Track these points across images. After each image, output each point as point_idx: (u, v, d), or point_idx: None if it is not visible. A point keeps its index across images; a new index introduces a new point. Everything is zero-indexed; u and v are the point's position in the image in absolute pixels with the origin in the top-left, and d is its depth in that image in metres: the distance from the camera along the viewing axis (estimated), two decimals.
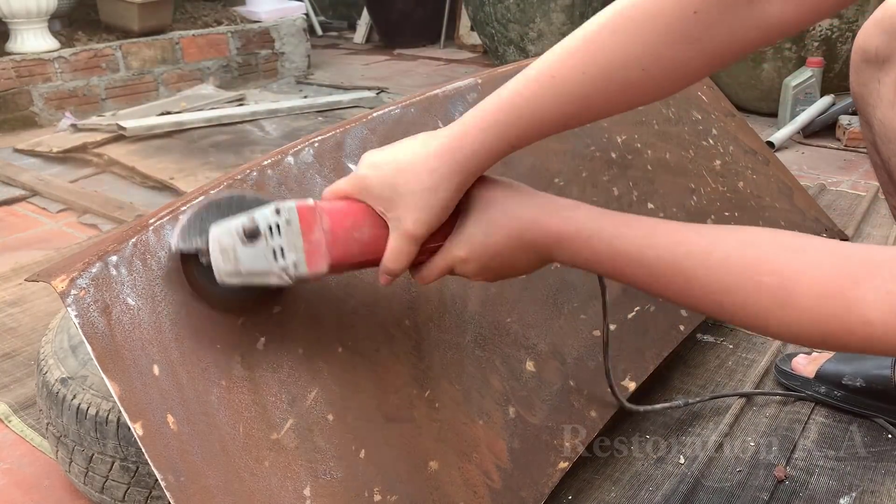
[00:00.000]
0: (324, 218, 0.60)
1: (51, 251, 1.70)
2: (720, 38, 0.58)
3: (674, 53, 0.58)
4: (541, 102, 0.61)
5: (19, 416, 1.10)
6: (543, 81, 0.61)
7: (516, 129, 0.61)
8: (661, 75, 0.59)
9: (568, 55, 0.61)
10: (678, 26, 0.57)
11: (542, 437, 0.81)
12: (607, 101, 0.61)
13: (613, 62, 0.59)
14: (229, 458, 0.62)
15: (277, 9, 3.56)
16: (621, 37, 0.59)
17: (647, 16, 0.58)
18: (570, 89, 0.60)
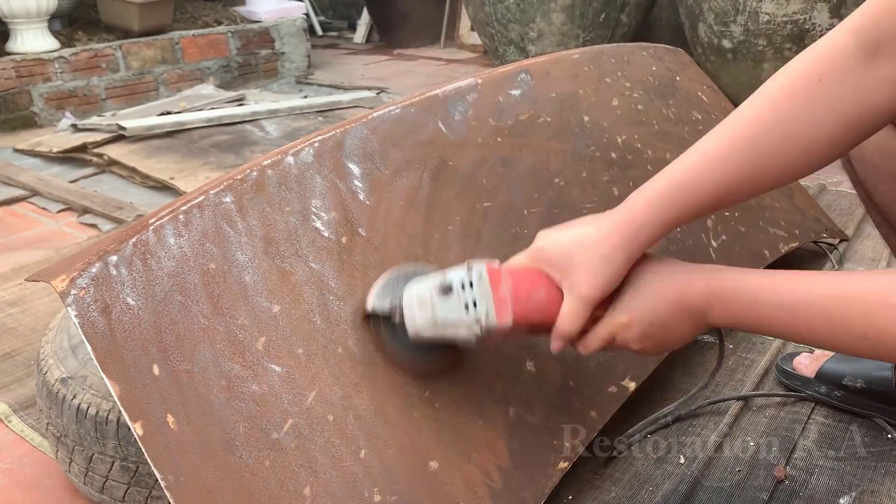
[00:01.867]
0: (507, 279, 0.67)
1: (51, 251, 1.70)
2: (847, 103, 0.63)
3: (808, 118, 0.64)
4: (697, 178, 0.67)
5: (19, 416, 1.10)
6: (696, 159, 0.67)
7: (679, 205, 0.67)
8: (801, 139, 0.64)
9: (719, 133, 0.67)
10: (806, 93, 0.64)
11: (542, 437, 0.81)
12: (757, 171, 0.66)
13: (756, 131, 0.65)
14: (229, 458, 0.62)
15: (277, 9, 3.56)
16: (760, 106, 0.66)
17: (780, 86, 0.66)
18: (720, 164, 0.66)
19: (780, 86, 0.66)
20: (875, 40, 0.61)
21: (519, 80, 1.03)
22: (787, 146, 0.65)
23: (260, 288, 0.69)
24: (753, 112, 0.67)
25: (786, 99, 0.65)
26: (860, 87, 0.62)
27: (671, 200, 0.67)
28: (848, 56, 0.63)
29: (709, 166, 0.67)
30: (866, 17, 0.63)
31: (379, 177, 0.82)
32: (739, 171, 0.66)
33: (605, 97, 1.13)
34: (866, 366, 0.99)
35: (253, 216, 0.72)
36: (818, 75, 0.64)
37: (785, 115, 0.65)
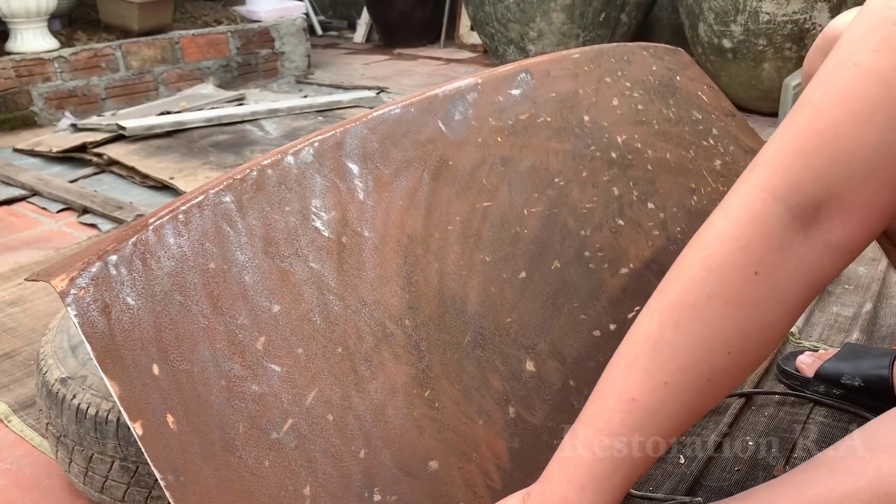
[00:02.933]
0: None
1: (50, 251, 1.70)
2: (793, 283, 0.50)
3: (755, 324, 0.51)
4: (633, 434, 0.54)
5: (19, 416, 1.10)
6: (625, 408, 0.53)
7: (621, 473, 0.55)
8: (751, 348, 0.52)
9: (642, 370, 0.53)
10: (746, 295, 0.50)
11: (542, 437, 0.81)
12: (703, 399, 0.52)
13: (695, 359, 0.51)
14: (229, 457, 0.62)
15: (277, 8, 3.56)
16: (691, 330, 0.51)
17: (709, 297, 0.50)
18: (657, 406, 0.53)
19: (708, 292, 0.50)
20: (815, 202, 0.50)
21: (519, 80, 1.03)
22: (736, 364, 0.52)
23: (260, 288, 0.69)
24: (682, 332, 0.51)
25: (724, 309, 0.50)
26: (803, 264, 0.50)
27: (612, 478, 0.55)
28: (782, 230, 0.50)
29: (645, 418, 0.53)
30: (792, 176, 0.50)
31: (379, 176, 0.82)
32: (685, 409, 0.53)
33: (605, 97, 1.13)
34: (864, 365, 0.99)
35: (253, 216, 0.72)
36: (754, 267, 0.50)
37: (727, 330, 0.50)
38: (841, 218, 0.50)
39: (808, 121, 0.50)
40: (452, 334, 0.80)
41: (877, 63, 0.47)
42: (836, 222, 0.50)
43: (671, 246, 1.05)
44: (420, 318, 0.78)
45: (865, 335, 1.20)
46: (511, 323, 0.85)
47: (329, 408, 0.69)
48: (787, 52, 2.43)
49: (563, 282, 0.93)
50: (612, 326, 0.94)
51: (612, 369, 0.55)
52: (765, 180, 0.51)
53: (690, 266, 0.52)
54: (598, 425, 0.55)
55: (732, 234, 0.51)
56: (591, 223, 0.94)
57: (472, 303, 0.83)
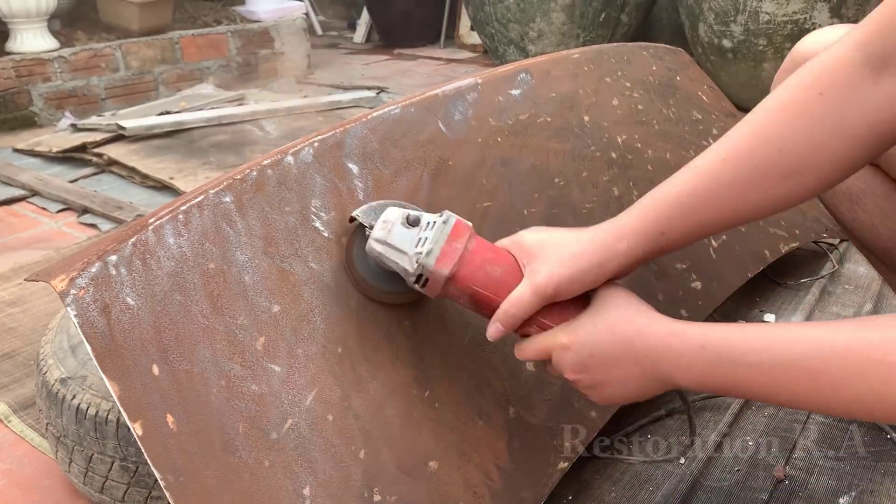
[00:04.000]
0: (472, 240, 0.67)
1: (50, 251, 1.70)
2: (853, 119, 0.58)
3: (808, 136, 0.59)
4: (685, 191, 0.63)
5: (19, 416, 1.10)
6: (687, 173, 0.64)
7: (664, 217, 0.64)
8: (801, 158, 0.60)
9: (712, 149, 0.64)
10: (806, 108, 0.59)
11: (542, 437, 0.81)
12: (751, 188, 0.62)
13: (750, 145, 0.61)
14: (229, 458, 0.62)
15: (277, 8, 3.56)
16: (754, 120, 0.62)
17: (777, 101, 0.61)
18: (710, 179, 0.62)
19: (779, 101, 0.61)
20: (881, 53, 0.58)
21: (519, 80, 1.03)
22: (784, 164, 0.60)
23: (260, 288, 0.69)
24: (750, 128, 0.62)
25: (784, 114, 0.61)
26: (866, 102, 0.58)
27: (656, 212, 0.64)
28: (854, 69, 0.59)
29: (699, 181, 0.63)
30: (871, 30, 0.59)
31: (379, 176, 0.82)
32: (732, 189, 0.62)
33: (605, 97, 1.13)
34: None
35: (253, 216, 0.72)
36: (820, 89, 0.59)
37: (784, 130, 0.60)
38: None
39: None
40: (452, 335, 0.80)
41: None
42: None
43: None
44: (420, 318, 0.78)
45: None
46: None
47: (329, 408, 0.69)
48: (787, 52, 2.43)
49: None
50: None
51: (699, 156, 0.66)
52: (853, 35, 0.60)
53: (779, 87, 0.62)
54: (668, 181, 0.65)
55: (815, 65, 0.61)
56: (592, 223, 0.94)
57: None
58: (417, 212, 0.69)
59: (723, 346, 0.56)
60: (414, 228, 0.68)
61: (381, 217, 0.70)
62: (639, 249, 0.64)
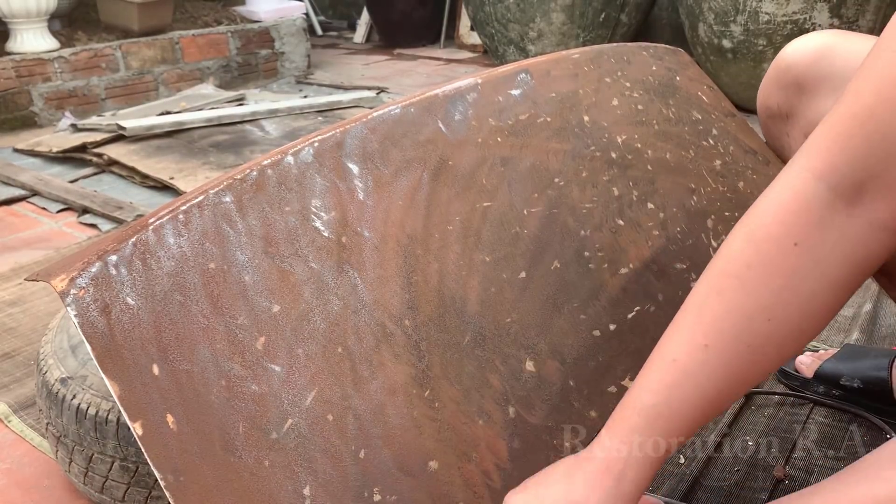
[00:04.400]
0: None
1: (50, 251, 1.70)
2: (835, 261, 0.52)
3: (793, 294, 0.52)
4: (676, 397, 0.55)
5: (19, 416, 1.10)
6: (668, 372, 0.56)
7: (662, 432, 0.57)
8: (792, 319, 0.53)
9: (686, 333, 0.55)
10: (784, 264, 0.52)
11: (542, 437, 0.81)
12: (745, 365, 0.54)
13: (734, 323, 0.53)
14: (229, 457, 0.62)
15: (277, 8, 3.56)
16: (730, 297, 0.53)
17: (748, 266, 0.53)
18: (697, 368, 0.54)
19: (748, 260, 0.53)
20: (855, 182, 0.51)
21: (519, 80, 1.03)
22: (776, 333, 0.53)
23: (260, 288, 0.69)
24: (726, 302, 0.54)
25: (764, 277, 0.53)
26: (844, 239, 0.52)
27: (651, 430, 0.57)
28: (823, 207, 0.52)
29: (685, 378, 0.55)
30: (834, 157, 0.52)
31: (379, 176, 0.82)
32: (726, 376, 0.54)
33: (605, 97, 1.13)
34: (863, 366, 0.99)
35: (253, 216, 0.72)
36: (794, 238, 0.52)
37: (766, 297, 0.52)
38: (884, 197, 0.50)
39: (847, 106, 0.51)
40: (452, 334, 0.80)
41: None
42: (879, 201, 0.51)
43: (671, 246, 1.05)
44: (420, 318, 0.78)
45: (865, 335, 1.20)
46: (511, 323, 0.85)
47: (329, 408, 0.69)
48: None
49: (563, 282, 0.93)
50: (612, 326, 0.94)
51: (663, 336, 0.58)
52: (807, 162, 0.53)
53: (734, 241, 0.55)
54: (642, 384, 0.58)
55: (774, 209, 0.53)
56: (591, 223, 0.94)
57: (471, 303, 0.83)
58: None
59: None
60: None
61: None
62: (645, 479, 0.58)
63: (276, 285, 0.70)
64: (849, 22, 2.34)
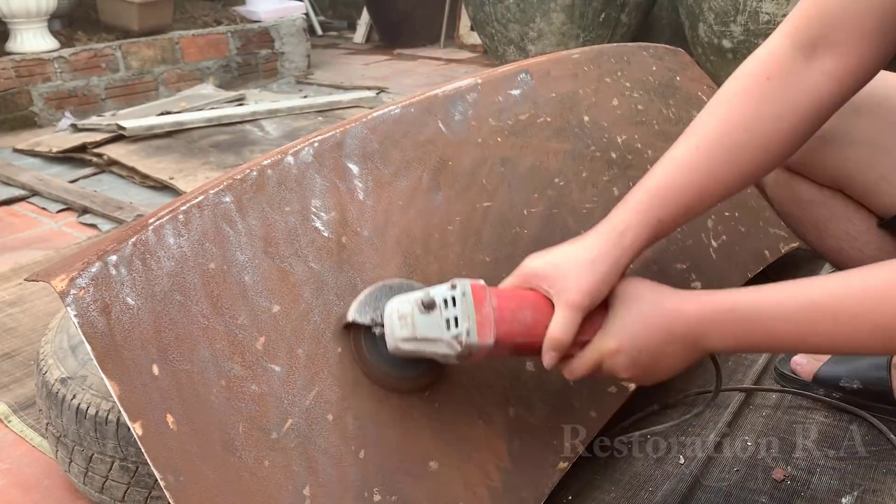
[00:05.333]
0: (492, 297, 0.66)
1: (50, 251, 1.70)
2: (798, 97, 0.69)
3: (765, 113, 0.69)
4: (672, 182, 0.69)
5: (19, 416, 1.10)
6: (669, 165, 0.70)
7: (658, 208, 0.69)
8: (763, 135, 0.69)
9: (684, 140, 0.71)
10: (760, 91, 0.70)
11: (542, 437, 0.81)
12: (727, 170, 0.70)
13: (719, 130, 0.70)
14: (229, 457, 0.62)
15: (277, 9, 3.56)
16: (718, 109, 0.71)
17: (733, 89, 0.71)
18: (692, 167, 0.69)
19: (734, 89, 0.71)
20: (809, 40, 0.69)
21: (519, 80, 1.03)
22: (750, 142, 0.69)
23: (260, 288, 0.69)
24: (715, 117, 0.71)
25: (743, 100, 0.70)
26: (805, 81, 0.68)
27: (650, 204, 0.69)
28: (787, 57, 0.69)
29: (680, 170, 0.69)
30: (798, 20, 0.70)
31: (379, 176, 0.82)
32: (710, 172, 0.69)
33: (605, 97, 1.13)
34: (862, 366, 0.99)
35: (253, 216, 0.72)
36: (766, 74, 0.70)
37: (745, 113, 0.69)
38: (835, 49, 0.68)
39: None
40: None
41: None
42: (830, 53, 0.68)
43: (671, 246, 1.05)
44: None
45: None
46: None
47: (329, 408, 0.69)
48: None
49: None
50: None
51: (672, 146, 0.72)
52: (783, 27, 0.71)
53: (726, 82, 0.73)
54: (648, 174, 0.71)
55: (755, 57, 0.72)
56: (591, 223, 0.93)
57: None
58: (418, 290, 0.68)
59: (750, 305, 0.62)
60: (432, 312, 0.65)
61: (387, 312, 0.68)
62: (641, 240, 0.69)
63: (276, 285, 0.70)
64: None
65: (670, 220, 0.70)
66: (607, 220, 0.70)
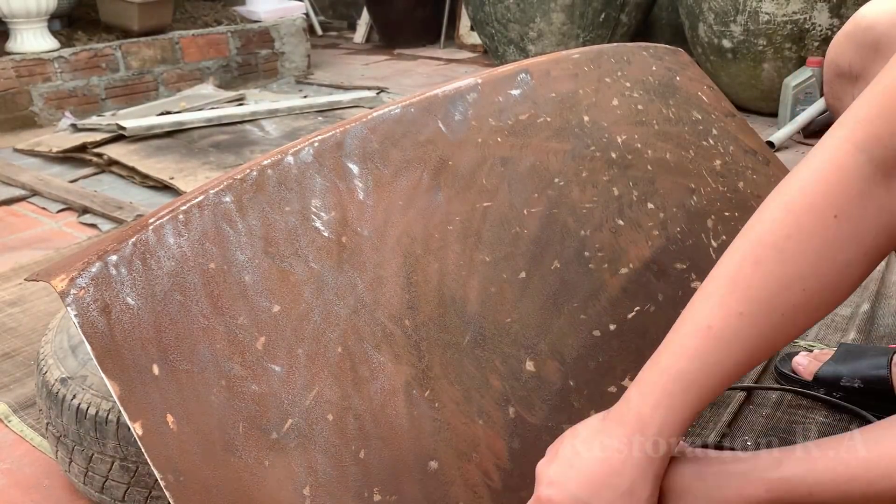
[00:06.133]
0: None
1: (51, 251, 1.70)
2: (871, 231, 0.53)
3: (830, 264, 0.54)
4: (710, 364, 0.56)
5: (19, 416, 1.10)
6: (702, 338, 0.56)
7: (695, 399, 0.57)
8: (826, 288, 0.54)
9: (717, 301, 0.55)
10: (824, 236, 0.53)
11: (543, 437, 0.81)
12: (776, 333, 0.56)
13: (770, 292, 0.54)
14: (229, 457, 0.62)
15: (277, 8, 3.56)
16: (768, 267, 0.54)
17: (787, 237, 0.54)
18: (733, 340, 0.55)
19: (787, 233, 0.54)
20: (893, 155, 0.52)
21: (519, 80, 1.03)
22: (810, 301, 0.55)
23: (260, 288, 0.69)
24: (762, 268, 0.54)
25: (799, 248, 0.54)
26: (881, 210, 0.53)
27: (684, 398, 0.57)
28: (863, 178, 0.53)
29: (718, 345, 0.55)
30: (876, 129, 0.53)
31: (379, 176, 0.82)
32: (758, 341, 0.55)
33: (605, 97, 1.13)
34: (862, 366, 0.99)
35: (253, 216, 0.72)
36: (835, 211, 0.53)
37: (804, 267, 0.53)
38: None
39: (893, 79, 0.52)
40: (452, 334, 0.80)
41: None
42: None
43: (671, 246, 1.05)
44: (420, 318, 0.78)
45: (862, 335, 1.20)
46: (511, 323, 0.85)
47: (329, 408, 0.69)
48: (787, 52, 2.43)
49: (563, 282, 0.93)
50: (612, 326, 0.94)
51: (692, 303, 0.58)
52: (849, 133, 0.54)
53: (772, 209, 0.55)
54: (674, 349, 0.57)
55: (814, 179, 0.54)
56: (591, 223, 0.94)
57: (472, 303, 0.83)
58: None
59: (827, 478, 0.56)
60: None
61: None
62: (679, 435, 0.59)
63: (276, 285, 0.70)
64: None
65: (704, 404, 0.58)
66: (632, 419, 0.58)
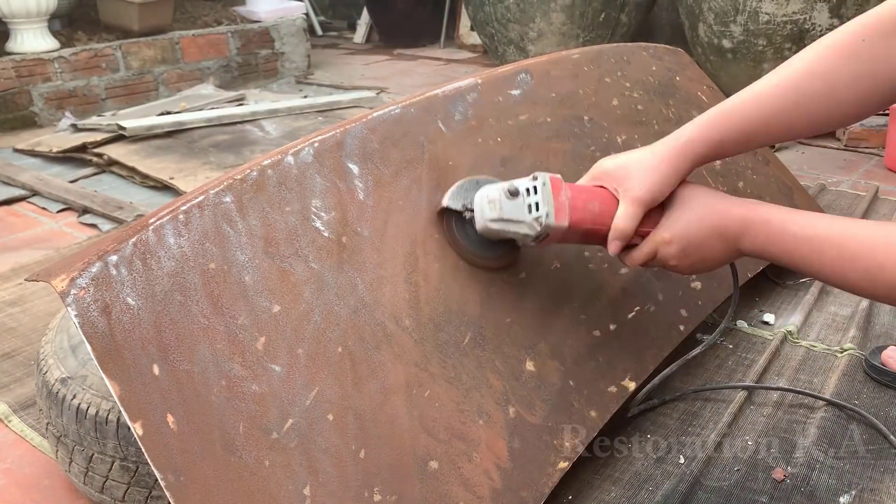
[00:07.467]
0: (567, 189, 0.78)
1: (51, 251, 1.70)
2: (886, 63, 0.71)
3: (848, 71, 0.72)
4: (742, 108, 0.76)
5: (19, 416, 1.10)
6: (747, 93, 0.77)
7: (722, 127, 0.76)
8: (841, 90, 0.73)
9: (770, 77, 0.76)
10: (851, 49, 0.72)
11: (542, 437, 0.81)
12: (795, 113, 0.75)
13: (800, 74, 0.74)
14: (229, 457, 0.62)
15: (277, 9, 3.56)
16: (807, 55, 0.75)
17: (828, 43, 0.75)
18: (765, 99, 0.75)
19: (828, 43, 0.74)
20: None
21: (519, 80, 1.03)
22: (827, 94, 0.73)
23: (260, 288, 0.69)
24: (802, 61, 0.75)
25: (832, 52, 0.73)
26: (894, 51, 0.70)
27: (716, 122, 0.77)
28: (891, 23, 0.71)
29: (754, 99, 0.76)
30: None
31: (379, 176, 0.82)
32: (779, 109, 0.75)
33: (605, 97, 1.13)
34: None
35: (253, 216, 0.72)
36: (863, 36, 0.72)
37: (829, 65, 0.73)
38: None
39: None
40: (452, 334, 0.80)
41: None
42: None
43: None
44: (420, 318, 0.78)
45: (862, 333, 1.20)
46: (511, 323, 0.85)
47: (329, 407, 0.69)
48: (787, 52, 2.43)
49: (563, 282, 0.93)
50: (612, 326, 0.94)
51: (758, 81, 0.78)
52: None
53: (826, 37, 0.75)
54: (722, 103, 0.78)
55: (861, 19, 0.73)
56: None
57: (472, 303, 0.83)
58: (506, 183, 0.79)
59: (780, 222, 0.72)
60: (517, 198, 0.77)
61: (478, 199, 0.80)
62: (701, 154, 0.77)
63: (276, 285, 0.70)
64: None
65: (731, 142, 0.77)
66: (676, 132, 0.78)
